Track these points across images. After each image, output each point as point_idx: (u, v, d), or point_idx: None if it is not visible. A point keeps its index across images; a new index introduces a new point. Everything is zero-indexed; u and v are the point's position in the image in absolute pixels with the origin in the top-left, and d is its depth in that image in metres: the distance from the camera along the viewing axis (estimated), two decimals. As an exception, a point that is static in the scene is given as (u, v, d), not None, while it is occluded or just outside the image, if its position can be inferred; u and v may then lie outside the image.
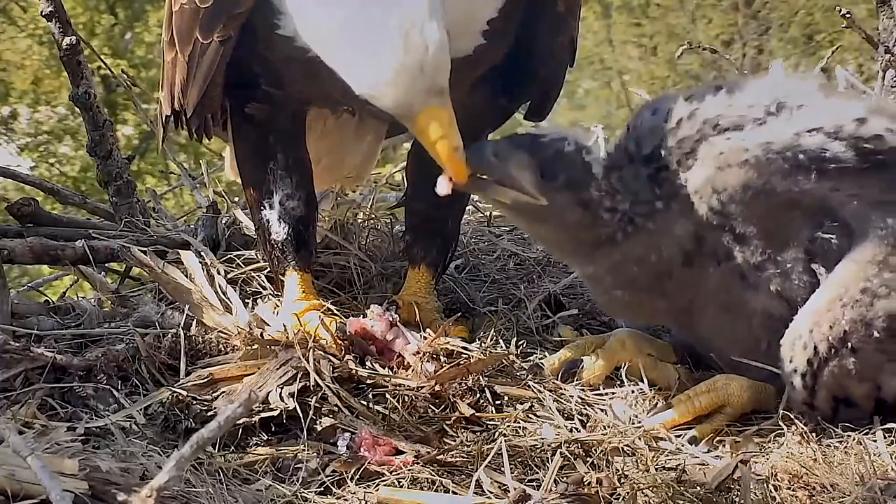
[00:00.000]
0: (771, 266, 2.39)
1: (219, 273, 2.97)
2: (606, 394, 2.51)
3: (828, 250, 2.37)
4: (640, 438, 2.31)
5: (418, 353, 2.52)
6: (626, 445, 2.28)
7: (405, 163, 3.10)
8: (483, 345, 2.63)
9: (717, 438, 2.37)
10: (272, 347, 2.50)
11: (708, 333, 2.54)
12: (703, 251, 2.42)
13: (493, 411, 2.42)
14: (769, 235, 2.38)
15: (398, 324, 2.62)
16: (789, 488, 2.16)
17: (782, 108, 2.38)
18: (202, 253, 3.08)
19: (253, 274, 3.05)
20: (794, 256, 2.38)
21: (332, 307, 2.83)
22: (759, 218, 2.37)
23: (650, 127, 2.44)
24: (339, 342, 2.56)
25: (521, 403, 2.44)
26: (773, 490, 2.15)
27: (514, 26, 2.58)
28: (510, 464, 2.18)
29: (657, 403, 2.46)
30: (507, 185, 2.37)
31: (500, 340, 2.67)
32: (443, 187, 2.30)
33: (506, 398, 2.46)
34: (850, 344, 2.32)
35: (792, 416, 2.37)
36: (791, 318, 2.39)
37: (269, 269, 2.94)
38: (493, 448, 2.23)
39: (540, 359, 2.62)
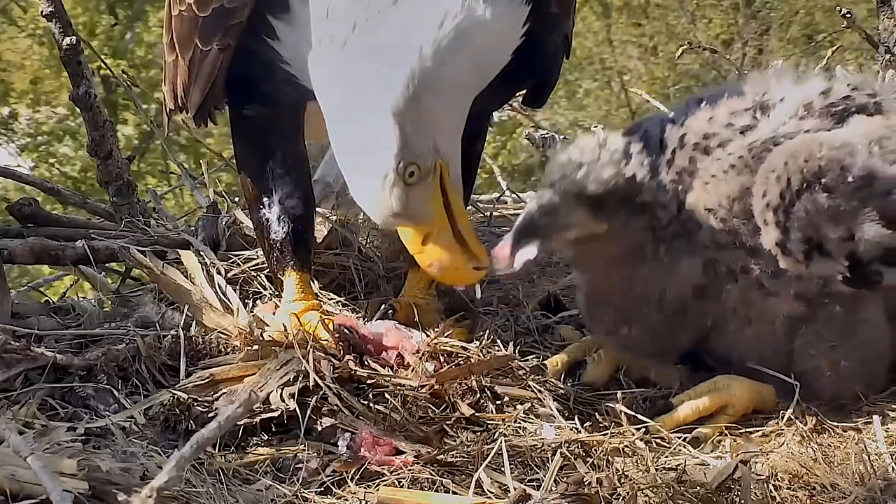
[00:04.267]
0: (786, 272, 2.39)
1: (219, 273, 2.97)
2: (607, 394, 2.51)
3: None
4: (640, 439, 2.31)
5: (418, 352, 2.53)
6: (627, 445, 2.28)
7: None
8: (482, 344, 2.63)
9: (718, 439, 2.37)
10: (272, 348, 2.50)
11: (726, 346, 2.53)
12: (718, 274, 2.43)
13: (494, 411, 2.42)
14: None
15: (398, 326, 2.63)
16: (789, 488, 2.16)
17: (766, 108, 2.46)
18: (202, 253, 3.08)
19: (253, 274, 3.05)
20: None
21: (332, 308, 2.83)
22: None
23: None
24: (338, 342, 2.56)
25: (522, 403, 2.44)
26: (773, 490, 2.15)
27: None
28: (510, 464, 2.18)
29: (658, 404, 2.46)
30: (563, 232, 2.38)
31: (499, 341, 2.67)
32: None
33: (506, 398, 2.46)
34: (823, 180, 2.32)
35: (792, 416, 2.37)
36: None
37: (269, 269, 2.94)
38: (493, 448, 2.23)
39: (540, 359, 2.62)
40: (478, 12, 2.37)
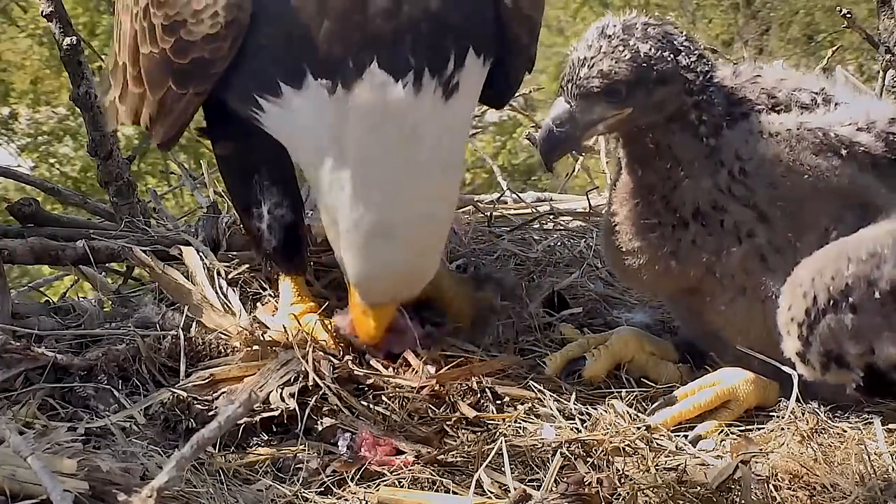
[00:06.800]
0: (791, 251, 2.38)
1: (219, 274, 2.97)
2: (607, 393, 2.51)
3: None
4: (640, 439, 2.31)
5: (419, 353, 2.53)
6: (627, 445, 2.28)
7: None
8: (483, 345, 2.63)
9: (719, 437, 2.37)
10: (272, 348, 2.51)
11: (718, 319, 2.51)
12: (724, 226, 2.41)
13: (494, 411, 2.42)
14: (793, 218, 2.38)
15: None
16: (790, 488, 2.16)
17: (829, 101, 2.46)
18: (203, 253, 3.08)
19: (253, 274, 3.05)
20: (812, 243, 2.38)
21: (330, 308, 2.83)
22: (786, 199, 2.37)
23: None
24: (338, 342, 2.57)
25: (522, 403, 2.45)
26: (773, 490, 2.15)
27: None
28: (511, 464, 2.18)
29: (659, 402, 2.46)
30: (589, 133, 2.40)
31: (500, 341, 2.67)
32: None
33: (506, 398, 2.46)
34: (850, 299, 2.31)
35: (793, 416, 2.37)
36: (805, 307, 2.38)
37: (264, 273, 2.94)
38: (493, 448, 2.23)
39: (541, 358, 2.62)
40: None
